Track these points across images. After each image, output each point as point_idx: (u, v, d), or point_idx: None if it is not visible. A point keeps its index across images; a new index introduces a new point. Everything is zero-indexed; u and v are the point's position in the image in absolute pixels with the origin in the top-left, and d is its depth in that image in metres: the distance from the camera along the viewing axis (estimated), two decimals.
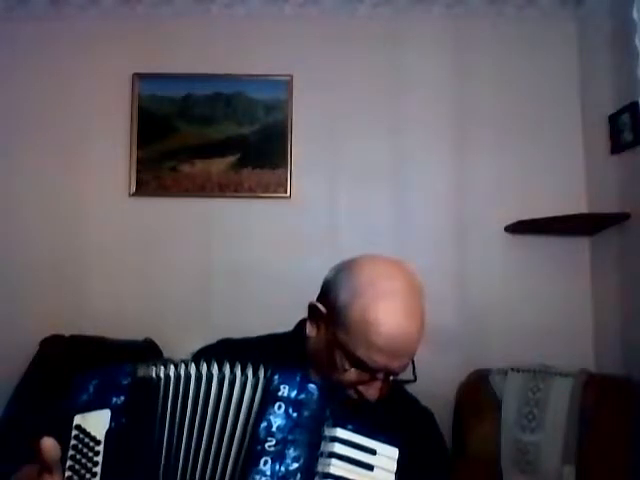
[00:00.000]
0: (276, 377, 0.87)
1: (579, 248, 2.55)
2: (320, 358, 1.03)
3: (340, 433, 0.86)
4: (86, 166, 2.63)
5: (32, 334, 2.36)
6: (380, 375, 0.98)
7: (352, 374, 0.98)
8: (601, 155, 2.42)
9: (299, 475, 0.83)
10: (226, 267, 2.54)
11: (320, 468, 0.85)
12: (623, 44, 2.25)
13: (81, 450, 0.88)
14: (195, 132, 2.65)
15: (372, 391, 0.98)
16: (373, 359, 0.95)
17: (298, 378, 0.88)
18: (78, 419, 0.89)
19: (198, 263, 2.57)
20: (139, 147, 2.63)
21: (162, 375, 0.91)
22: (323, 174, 2.62)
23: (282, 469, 0.83)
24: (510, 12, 2.66)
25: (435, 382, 2.33)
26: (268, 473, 0.82)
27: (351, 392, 1.00)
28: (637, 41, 2.15)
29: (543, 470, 2.07)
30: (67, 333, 2.40)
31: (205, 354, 1.02)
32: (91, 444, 0.88)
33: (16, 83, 2.66)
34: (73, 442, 0.88)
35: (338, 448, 0.85)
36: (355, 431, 0.87)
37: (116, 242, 2.59)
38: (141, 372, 0.92)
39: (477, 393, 2.28)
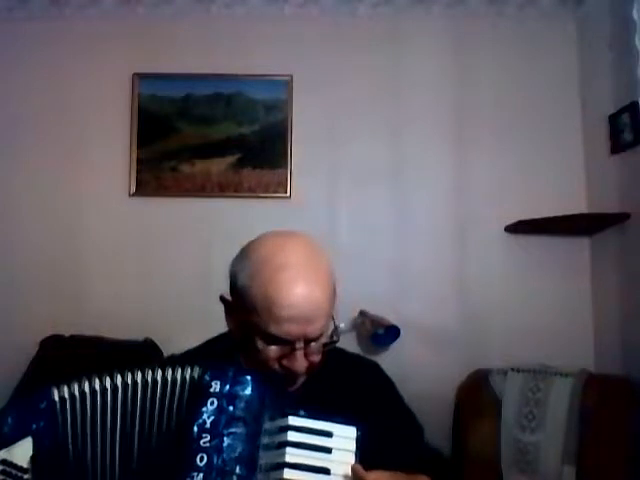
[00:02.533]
0: (207, 375, 0.89)
1: (579, 248, 2.54)
2: (244, 347, 1.04)
3: (292, 421, 0.86)
4: (86, 166, 2.62)
5: (32, 334, 2.36)
6: (300, 344, 0.98)
7: (273, 351, 0.98)
8: (601, 155, 2.41)
9: (239, 465, 0.83)
10: (226, 267, 2.52)
11: (275, 459, 0.85)
12: (623, 44, 2.25)
13: None
14: (195, 132, 2.65)
15: (298, 363, 0.98)
16: (286, 331, 0.96)
17: (230, 373, 0.89)
18: (3, 454, 0.91)
19: (198, 263, 2.57)
20: (139, 147, 2.63)
21: (84, 390, 0.92)
22: (323, 174, 2.62)
23: (219, 462, 0.83)
24: (510, 12, 2.65)
25: (435, 382, 2.35)
26: (204, 468, 0.83)
27: (277, 369, 1.00)
28: (637, 41, 2.15)
29: (543, 470, 2.07)
30: (67, 333, 2.40)
31: None
32: (19, 474, 0.90)
33: (16, 83, 2.65)
34: (1, 477, 0.89)
35: (292, 436, 0.85)
36: (308, 416, 0.87)
37: (116, 242, 2.59)
38: (56, 393, 0.93)
39: (477, 393, 2.28)
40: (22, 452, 0.91)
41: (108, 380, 0.92)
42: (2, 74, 2.65)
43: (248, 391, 0.87)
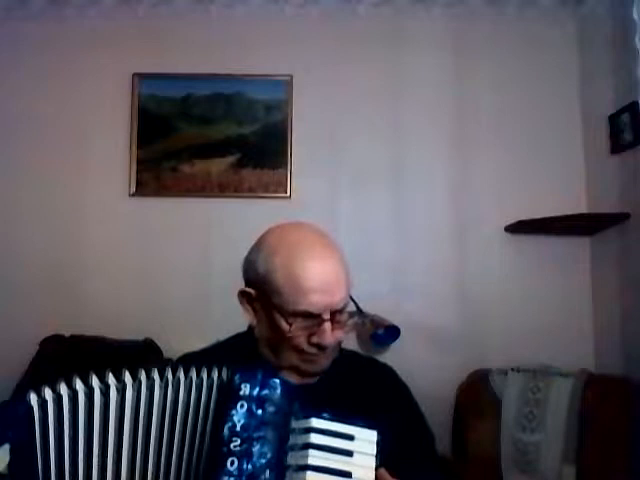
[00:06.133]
0: (236, 377, 0.87)
1: (579, 248, 2.54)
2: (270, 337, 1.05)
3: (315, 423, 0.86)
4: (86, 166, 2.63)
5: (32, 334, 2.35)
6: (326, 315, 1.00)
7: (301, 329, 1.00)
8: (601, 155, 2.42)
9: (268, 471, 0.83)
10: (226, 267, 2.51)
11: (297, 461, 0.84)
12: (623, 44, 2.25)
13: None
14: (195, 132, 2.65)
15: (327, 335, 1.00)
16: (313, 303, 0.99)
17: (259, 375, 0.88)
18: None
19: (198, 263, 2.57)
20: (139, 147, 2.63)
21: (76, 390, 0.89)
22: (323, 174, 2.62)
23: (249, 467, 0.82)
24: (510, 12, 2.65)
25: (435, 382, 2.34)
26: (235, 473, 0.82)
27: (306, 348, 1.02)
28: (637, 41, 2.15)
29: (543, 470, 2.07)
30: (67, 333, 2.40)
31: None
32: None
33: (16, 83, 2.65)
34: None
35: (314, 438, 0.85)
36: (331, 419, 0.87)
37: (116, 242, 2.59)
38: (34, 398, 0.89)
39: (477, 393, 2.28)
40: (1, 461, 0.87)
41: (112, 379, 0.89)
42: (2, 74, 2.66)
43: (277, 395, 0.87)
